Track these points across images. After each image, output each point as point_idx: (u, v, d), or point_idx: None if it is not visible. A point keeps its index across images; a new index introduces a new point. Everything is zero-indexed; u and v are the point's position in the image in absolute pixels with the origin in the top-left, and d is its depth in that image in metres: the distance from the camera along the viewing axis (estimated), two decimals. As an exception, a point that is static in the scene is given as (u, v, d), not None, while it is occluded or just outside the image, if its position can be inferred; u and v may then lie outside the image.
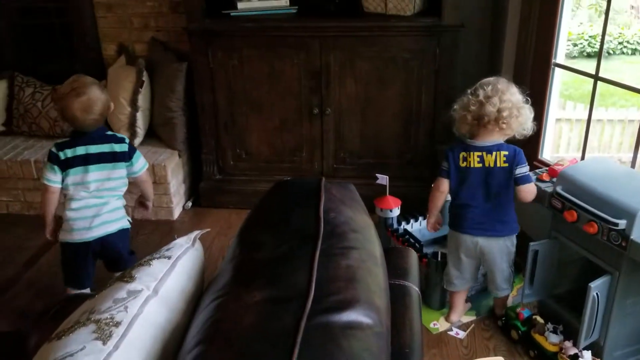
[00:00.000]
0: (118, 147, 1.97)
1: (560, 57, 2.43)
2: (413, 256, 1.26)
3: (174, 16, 3.02)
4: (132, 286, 1.00)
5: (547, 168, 2.06)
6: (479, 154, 1.89)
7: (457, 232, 2.00)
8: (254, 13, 2.71)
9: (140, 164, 2.03)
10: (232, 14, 2.70)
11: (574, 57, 6.61)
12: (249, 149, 2.91)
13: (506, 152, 1.88)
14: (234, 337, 0.82)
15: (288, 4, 2.74)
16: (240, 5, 2.70)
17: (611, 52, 6.80)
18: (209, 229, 1.21)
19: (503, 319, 2.07)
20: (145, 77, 2.84)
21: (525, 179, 1.89)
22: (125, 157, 1.98)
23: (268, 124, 2.83)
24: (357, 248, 1.00)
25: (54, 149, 1.93)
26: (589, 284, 1.72)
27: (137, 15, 3.06)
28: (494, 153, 1.88)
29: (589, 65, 4.97)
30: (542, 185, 1.95)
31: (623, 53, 6.92)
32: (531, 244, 1.92)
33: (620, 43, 6.91)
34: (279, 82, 2.74)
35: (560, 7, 2.33)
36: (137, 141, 2.90)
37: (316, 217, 1.04)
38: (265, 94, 2.77)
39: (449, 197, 2.06)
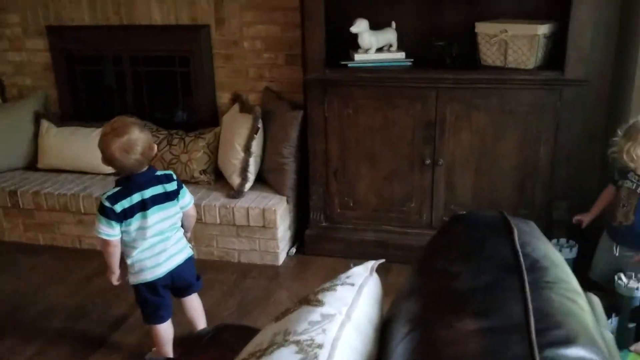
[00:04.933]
0: (169, 187, 2.00)
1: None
2: (597, 302, 1.19)
3: (288, 67, 3.14)
4: (324, 310, 0.99)
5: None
6: None
7: None
8: (370, 65, 2.77)
9: (187, 199, 2.08)
10: (349, 64, 2.77)
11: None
12: (357, 198, 2.91)
13: None
14: (463, 363, 0.78)
15: (404, 57, 2.79)
16: (357, 57, 2.77)
17: None
18: (384, 260, 1.19)
19: None
20: (260, 124, 2.93)
21: None
22: (176, 194, 2.02)
23: (378, 173, 2.84)
24: (562, 283, 0.95)
25: (107, 204, 1.88)
26: None
27: (253, 66, 3.20)
28: None
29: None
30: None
31: None
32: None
33: None
34: (392, 132, 2.75)
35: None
36: (248, 186, 2.97)
37: (513, 250, 1.00)
38: (377, 143, 2.79)
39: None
